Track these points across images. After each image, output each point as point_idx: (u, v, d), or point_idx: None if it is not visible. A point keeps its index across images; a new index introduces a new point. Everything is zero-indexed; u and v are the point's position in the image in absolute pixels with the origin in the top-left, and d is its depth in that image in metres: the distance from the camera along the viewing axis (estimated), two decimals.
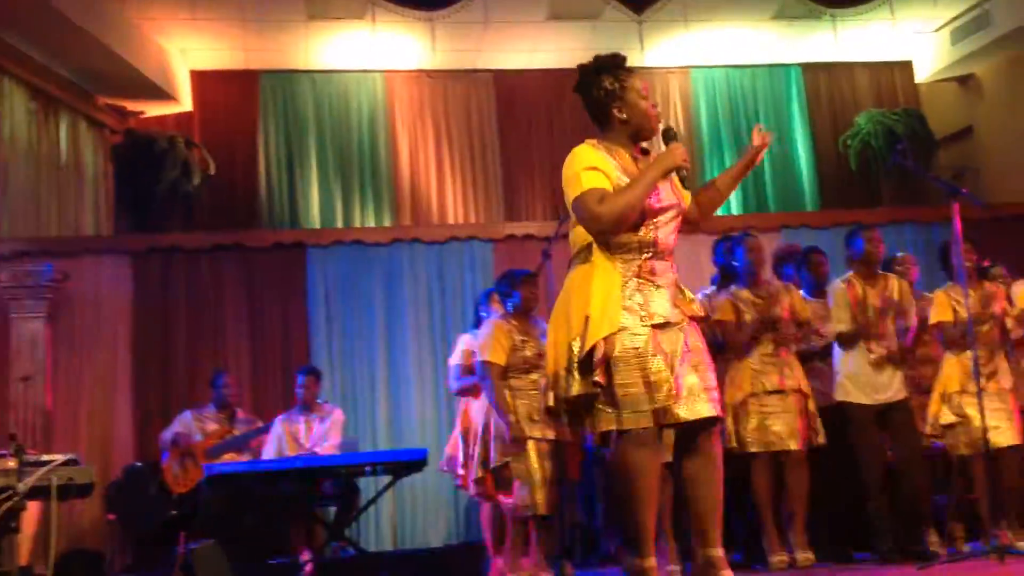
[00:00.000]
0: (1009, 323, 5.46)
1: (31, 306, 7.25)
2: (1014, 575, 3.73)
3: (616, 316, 3.15)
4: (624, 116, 3.44)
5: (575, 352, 3.16)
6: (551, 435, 5.27)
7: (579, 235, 3.34)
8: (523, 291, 5.45)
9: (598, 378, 3.12)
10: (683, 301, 3.33)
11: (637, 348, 3.14)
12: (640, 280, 3.23)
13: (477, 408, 5.55)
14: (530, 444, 5.23)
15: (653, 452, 3.14)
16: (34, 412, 7.02)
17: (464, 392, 5.91)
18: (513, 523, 5.28)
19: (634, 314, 3.18)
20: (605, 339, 3.11)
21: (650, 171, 3.27)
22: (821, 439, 5.27)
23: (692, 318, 3.33)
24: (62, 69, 8.68)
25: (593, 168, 3.28)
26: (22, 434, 5.93)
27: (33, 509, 5.30)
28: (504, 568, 5.29)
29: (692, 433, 3.21)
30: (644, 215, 3.25)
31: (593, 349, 3.11)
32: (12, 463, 4.70)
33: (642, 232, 3.26)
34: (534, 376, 5.35)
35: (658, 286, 3.25)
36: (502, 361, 5.30)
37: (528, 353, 5.36)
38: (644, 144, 3.52)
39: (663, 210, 3.30)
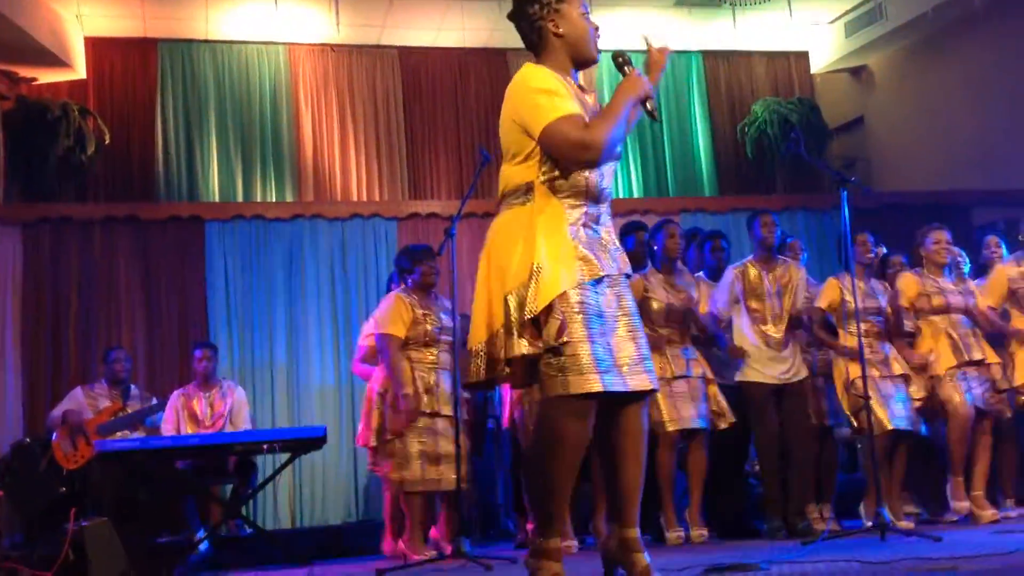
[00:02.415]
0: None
1: None
2: (892, 549, 3.93)
3: (572, 269, 2.85)
4: (561, 31, 3.09)
5: (513, 307, 2.85)
6: (446, 411, 5.30)
7: (515, 174, 2.99)
8: (423, 267, 5.48)
9: (553, 338, 2.81)
10: (620, 254, 3.06)
11: (588, 306, 2.85)
12: (587, 229, 2.96)
13: (375, 380, 5.56)
14: (427, 420, 5.26)
15: (586, 425, 2.83)
16: None
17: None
18: (407, 499, 5.30)
19: (585, 266, 2.89)
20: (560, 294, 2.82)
21: (619, 101, 2.99)
22: (725, 423, 5.42)
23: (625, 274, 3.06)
24: None
25: (555, 93, 2.94)
26: None
27: None
28: (405, 545, 5.30)
29: (623, 405, 2.93)
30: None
31: (548, 305, 2.82)
32: None
33: (593, 174, 2.98)
34: (433, 350, 5.39)
35: (602, 237, 3.00)
36: (401, 334, 5.33)
37: (428, 327, 5.39)
38: (582, 81, 3.20)
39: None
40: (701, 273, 6.00)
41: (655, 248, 5.56)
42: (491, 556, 4.50)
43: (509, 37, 10.37)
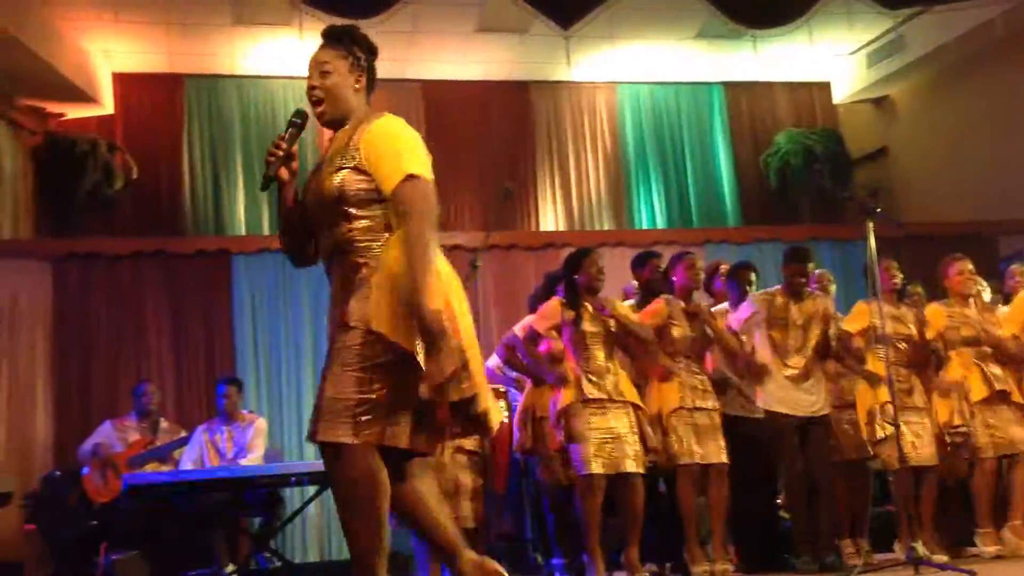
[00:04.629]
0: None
1: None
2: None
3: None
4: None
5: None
6: (471, 445, 5.30)
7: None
8: None
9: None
10: (336, 309, 2.84)
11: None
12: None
13: None
14: (448, 454, 5.26)
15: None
16: None
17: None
18: None
19: None
20: None
21: None
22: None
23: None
24: None
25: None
26: None
27: None
28: None
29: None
30: None
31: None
32: None
33: None
34: None
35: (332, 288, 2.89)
36: None
37: None
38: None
39: None
40: (724, 305, 5.98)
41: (673, 280, 5.56)
42: None
43: (531, 70, 10.51)
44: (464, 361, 2.73)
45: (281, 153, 2.90)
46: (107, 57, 9.50)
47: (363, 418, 2.66)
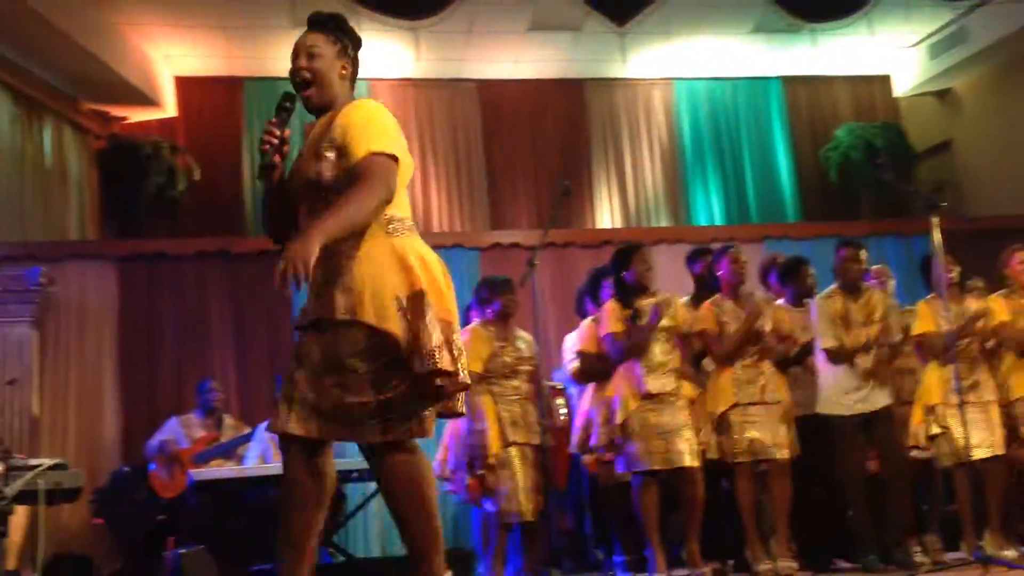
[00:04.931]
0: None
1: (17, 310, 7.21)
2: None
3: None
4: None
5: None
6: (535, 441, 5.31)
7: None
8: (503, 299, 5.50)
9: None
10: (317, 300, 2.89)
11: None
12: None
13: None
14: (513, 450, 5.27)
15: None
16: (21, 417, 6.98)
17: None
18: (497, 529, 5.31)
19: None
20: None
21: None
22: (796, 450, 5.33)
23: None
24: (46, 74, 8.65)
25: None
26: (9, 438, 5.90)
27: (21, 513, 5.28)
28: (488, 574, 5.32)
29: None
30: None
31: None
32: (0, 468, 4.70)
33: None
34: (515, 382, 5.40)
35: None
36: (478, 369, 5.33)
37: (507, 359, 5.40)
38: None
39: None
40: (781, 301, 5.92)
41: (719, 274, 5.53)
42: None
43: (585, 67, 10.49)
44: (452, 338, 2.76)
45: (276, 140, 2.89)
46: (168, 61, 9.66)
47: (389, 416, 2.72)
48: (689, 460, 5.00)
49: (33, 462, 4.83)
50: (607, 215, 10.48)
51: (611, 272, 5.47)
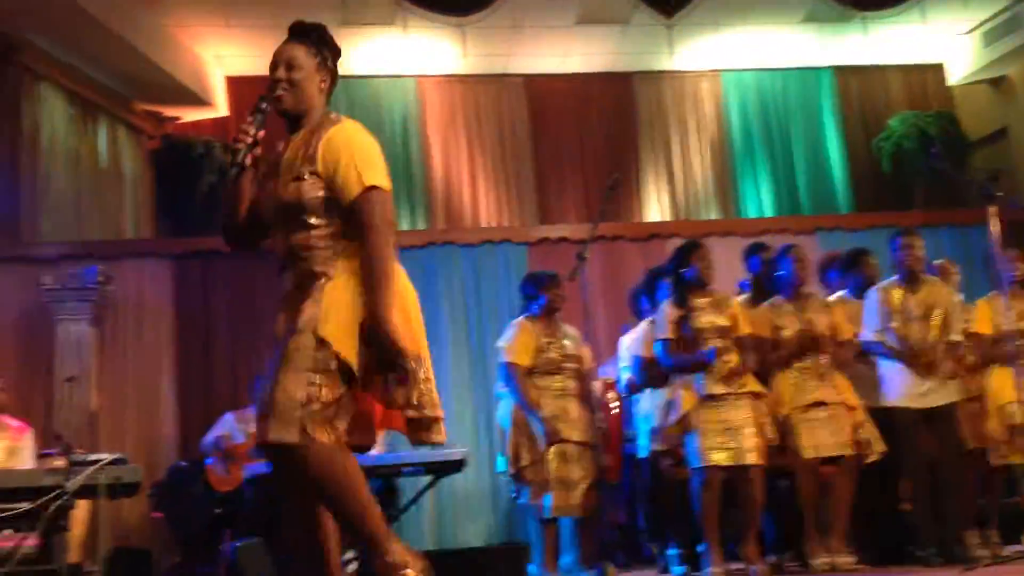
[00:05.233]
0: None
1: (75, 308, 7.36)
2: None
3: None
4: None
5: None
6: (578, 437, 5.31)
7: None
8: (549, 293, 5.49)
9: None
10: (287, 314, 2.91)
11: None
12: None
13: (504, 410, 5.59)
14: (557, 446, 5.27)
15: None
16: (80, 413, 7.13)
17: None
18: (545, 524, 5.32)
19: None
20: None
21: None
22: (878, 448, 5.24)
23: None
24: (100, 76, 8.82)
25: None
26: (69, 434, 6.02)
27: (82, 508, 5.39)
28: (540, 570, 5.33)
29: None
30: None
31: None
32: (61, 462, 4.81)
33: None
34: (559, 378, 5.39)
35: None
36: (526, 363, 5.34)
37: (553, 355, 5.40)
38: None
39: None
40: (843, 293, 5.85)
41: (780, 273, 5.45)
42: None
43: (633, 61, 10.45)
44: (424, 372, 2.81)
45: (250, 140, 2.89)
46: (219, 61, 9.78)
47: (312, 420, 2.68)
48: (753, 458, 4.96)
49: (93, 457, 4.93)
50: (655, 208, 10.44)
51: (669, 270, 5.43)
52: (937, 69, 10.88)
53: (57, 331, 7.35)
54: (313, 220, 2.82)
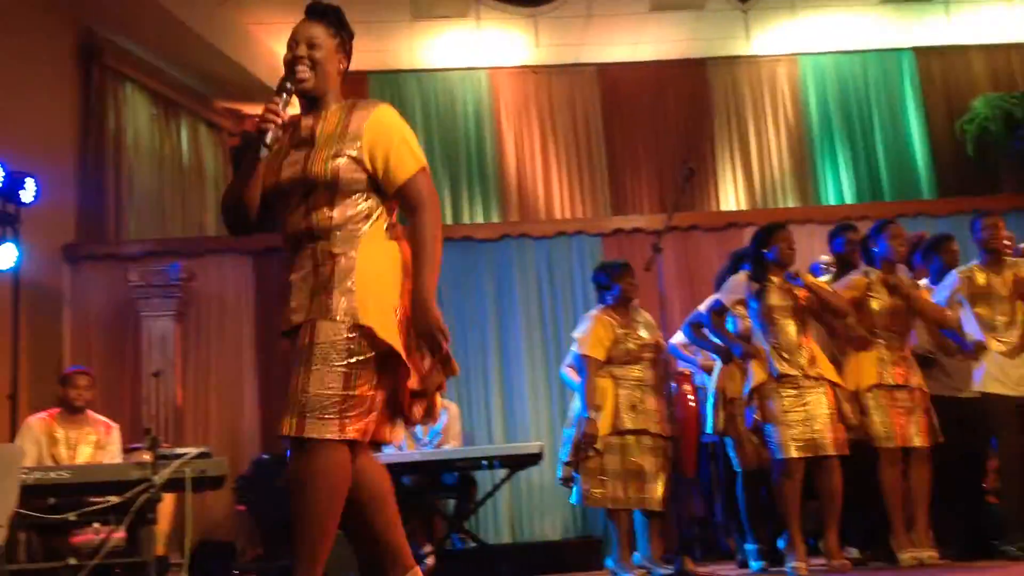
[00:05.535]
0: None
1: (160, 304, 7.53)
2: None
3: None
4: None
5: None
6: (656, 429, 5.28)
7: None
8: (623, 283, 5.45)
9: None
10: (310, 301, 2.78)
11: None
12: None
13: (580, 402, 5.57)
14: (631, 437, 5.25)
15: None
16: (165, 407, 7.30)
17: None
18: (612, 517, 5.30)
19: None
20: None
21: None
22: (939, 439, 5.15)
23: None
24: (181, 75, 9.00)
25: None
26: (155, 428, 6.15)
27: (168, 501, 5.50)
28: (616, 563, 5.31)
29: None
30: None
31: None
32: (148, 456, 4.92)
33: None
34: (637, 368, 5.35)
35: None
36: (601, 356, 5.31)
37: (631, 345, 5.36)
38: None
39: None
40: (925, 281, 5.73)
41: (875, 250, 5.33)
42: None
43: (708, 46, 10.32)
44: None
45: (280, 121, 2.77)
46: None
47: (349, 414, 2.61)
48: (832, 449, 4.88)
49: (179, 451, 5.04)
50: (732, 196, 10.32)
51: (751, 252, 5.35)
52: (1021, 48, 10.56)
53: (143, 327, 7.53)
54: (342, 200, 2.75)
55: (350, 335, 2.62)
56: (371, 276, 2.70)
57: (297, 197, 2.77)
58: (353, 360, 2.62)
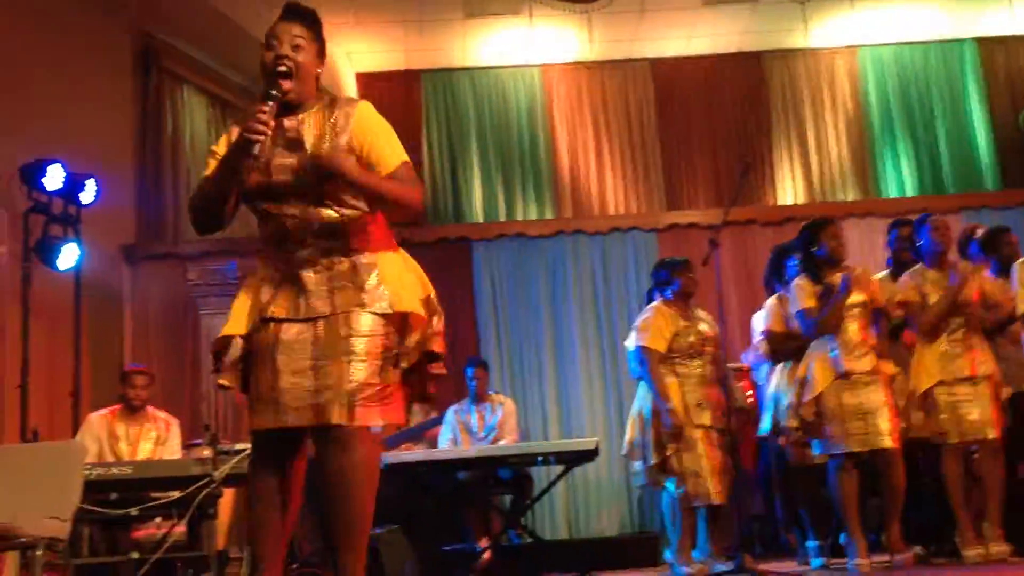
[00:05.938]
0: None
1: (218, 303, 7.59)
2: None
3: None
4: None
5: None
6: (719, 424, 5.23)
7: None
8: (683, 278, 5.42)
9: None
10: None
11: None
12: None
13: (643, 395, 5.52)
14: (698, 432, 5.20)
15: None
16: (225, 403, 7.38)
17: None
18: (685, 513, 5.25)
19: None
20: None
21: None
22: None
23: None
24: (236, 77, 9.08)
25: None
26: (213, 424, 6.22)
27: (228, 495, 5.55)
28: (675, 558, 5.27)
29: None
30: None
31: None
32: (208, 452, 4.96)
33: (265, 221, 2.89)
34: (699, 363, 5.31)
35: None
36: (662, 348, 5.27)
37: (692, 339, 5.32)
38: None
39: None
40: (987, 272, 5.59)
41: (919, 245, 5.24)
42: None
43: (763, 40, 10.20)
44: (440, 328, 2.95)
45: (269, 131, 2.68)
46: (349, 58, 9.97)
47: (386, 402, 2.75)
48: (890, 441, 4.79)
49: (238, 447, 5.07)
50: (790, 191, 10.19)
51: (796, 249, 5.29)
52: None
53: (201, 325, 7.62)
54: (345, 196, 2.79)
55: (387, 327, 2.76)
56: (395, 272, 2.84)
57: (294, 196, 2.77)
58: (389, 353, 2.77)
